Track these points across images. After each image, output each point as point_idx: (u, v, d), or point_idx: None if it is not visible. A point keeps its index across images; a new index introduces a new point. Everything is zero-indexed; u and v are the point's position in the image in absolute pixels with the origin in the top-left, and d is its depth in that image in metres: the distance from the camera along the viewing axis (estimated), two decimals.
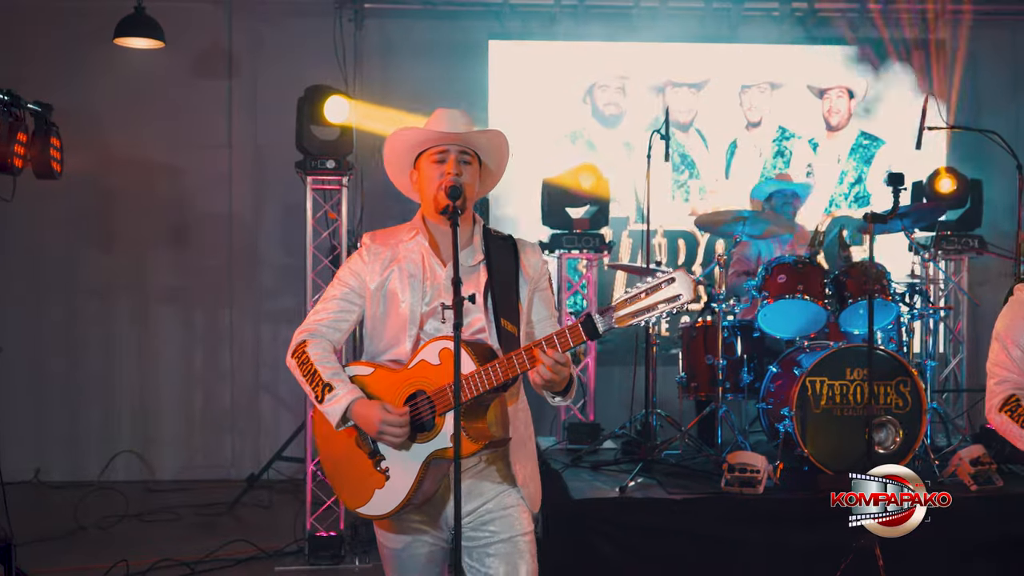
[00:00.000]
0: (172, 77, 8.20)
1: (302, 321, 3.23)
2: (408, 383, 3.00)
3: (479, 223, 3.21)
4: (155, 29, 6.80)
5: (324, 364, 3.07)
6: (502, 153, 3.24)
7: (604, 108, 8.28)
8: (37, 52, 8.01)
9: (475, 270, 3.12)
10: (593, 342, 2.84)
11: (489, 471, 3.08)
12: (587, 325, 2.76)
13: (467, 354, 2.89)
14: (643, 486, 5.40)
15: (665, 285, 2.68)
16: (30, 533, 6.49)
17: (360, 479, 3.06)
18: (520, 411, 3.14)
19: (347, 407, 3.00)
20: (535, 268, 3.17)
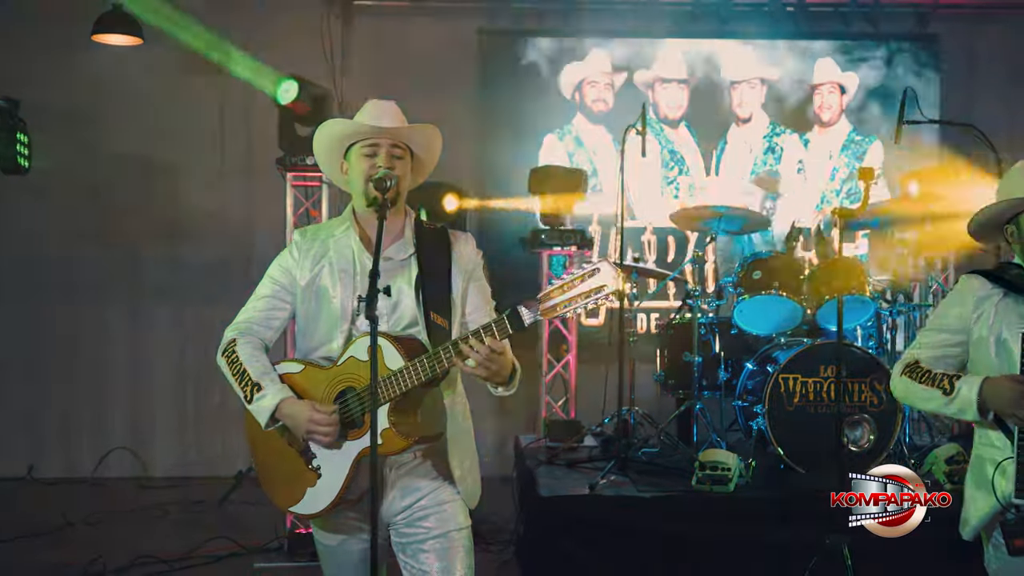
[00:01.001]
0: (164, 74, 8.22)
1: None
2: (337, 380, 3.00)
3: (411, 216, 3.20)
4: (133, 25, 6.81)
5: (253, 363, 3.06)
6: (434, 147, 3.24)
7: (593, 104, 8.24)
8: (26, 50, 8.02)
9: (406, 263, 3.10)
10: (518, 332, 2.80)
11: (425, 466, 3.07)
12: (512, 317, 2.75)
13: (395, 349, 2.89)
14: (615, 483, 5.38)
15: (590, 276, 2.67)
16: (17, 529, 6.58)
17: (292, 478, 3.06)
18: (457, 404, 3.12)
19: (275, 406, 2.99)
20: (468, 259, 3.15)
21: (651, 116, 8.06)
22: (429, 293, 3.04)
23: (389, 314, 3.04)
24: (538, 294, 2.73)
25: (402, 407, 2.92)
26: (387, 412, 2.89)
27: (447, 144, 7.81)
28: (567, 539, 5.10)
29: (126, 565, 5.81)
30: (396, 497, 3.04)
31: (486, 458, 3.43)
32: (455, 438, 3.08)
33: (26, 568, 5.77)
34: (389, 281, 3.05)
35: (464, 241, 3.20)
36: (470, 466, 3.16)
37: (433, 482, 3.07)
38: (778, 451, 5.32)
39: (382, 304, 3.03)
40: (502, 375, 2.90)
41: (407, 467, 3.05)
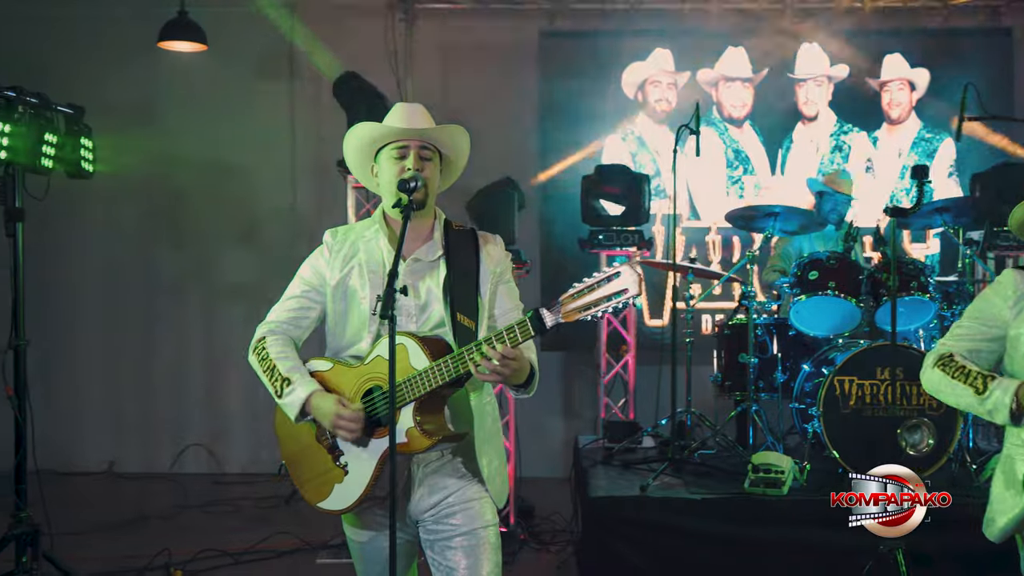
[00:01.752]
0: (237, 79, 8.42)
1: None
2: (365, 378, 3.06)
3: (440, 217, 3.24)
4: (197, 32, 7.01)
5: (282, 359, 3.12)
6: (463, 148, 3.27)
7: (656, 104, 8.20)
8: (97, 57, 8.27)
9: (435, 265, 3.15)
10: (540, 336, 2.84)
11: (452, 464, 3.11)
12: (535, 319, 2.77)
13: (420, 349, 2.94)
14: (667, 485, 5.37)
15: (610, 280, 2.69)
16: (94, 522, 6.84)
17: (320, 474, 3.13)
18: (486, 405, 3.15)
19: (305, 400, 3.05)
20: (497, 261, 3.18)
21: (715, 115, 8.08)
22: (456, 295, 3.08)
23: (417, 315, 3.10)
24: (560, 297, 2.76)
25: (427, 406, 2.97)
26: (412, 411, 2.94)
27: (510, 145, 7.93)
28: (618, 540, 5.11)
29: (191, 557, 5.97)
30: (424, 495, 3.09)
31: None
32: (483, 438, 3.11)
33: (97, 559, 5.94)
34: (418, 282, 3.11)
35: (493, 243, 3.23)
36: (499, 466, 3.19)
37: (460, 480, 3.10)
38: (833, 454, 5.25)
39: (411, 305, 3.10)
40: (519, 378, 2.93)
41: (434, 465, 3.09)
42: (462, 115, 8.08)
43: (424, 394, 2.92)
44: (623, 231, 6.81)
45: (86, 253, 8.60)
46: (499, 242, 3.26)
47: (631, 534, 5.09)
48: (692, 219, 8.19)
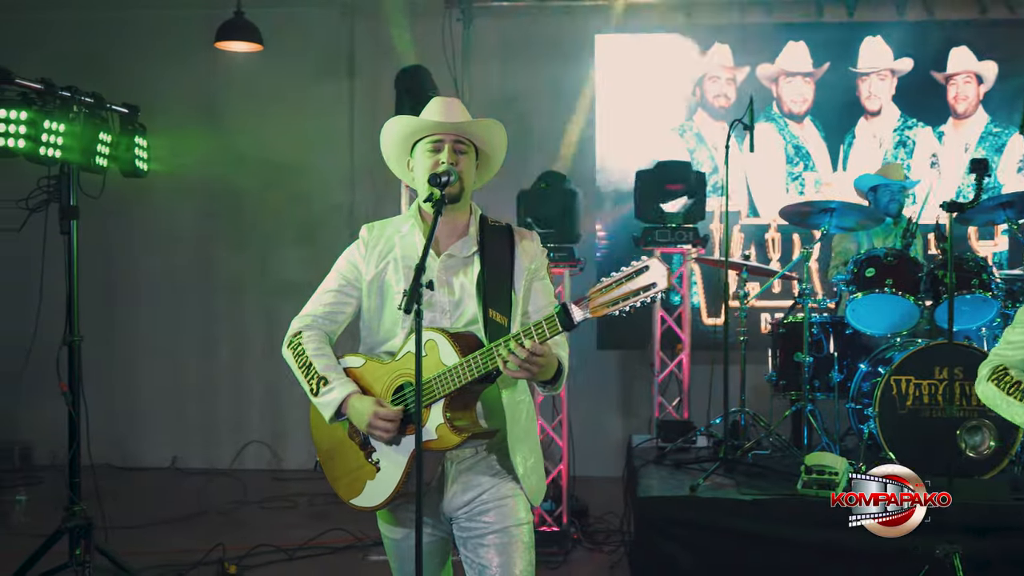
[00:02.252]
0: (296, 79, 8.50)
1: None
2: (396, 375, 3.04)
3: (476, 213, 3.22)
4: (254, 33, 7.08)
5: (319, 357, 3.11)
6: (499, 143, 3.23)
7: (714, 100, 8.09)
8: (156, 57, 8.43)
9: (469, 261, 3.12)
10: (568, 331, 2.81)
11: (487, 461, 3.08)
12: (562, 315, 2.74)
13: (450, 345, 2.92)
14: (718, 485, 5.28)
15: (639, 274, 2.65)
16: (154, 516, 6.95)
17: (353, 471, 3.12)
18: (520, 402, 3.12)
19: (342, 401, 3.05)
20: (532, 257, 3.15)
21: (775, 111, 7.95)
22: (490, 291, 3.05)
23: (451, 311, 3.08)
24: (587, 292, 2.73)
25: (457, 403, 2.95)
26: (442, 408, 2.92)
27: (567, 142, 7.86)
28: (668, 541, 5.04)
29: (245, 553, 6.03)
30: (457, 492, 3.07)
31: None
32: (517, 436, 3.07)
33: (154, 552, 6.04)
34: (452, 278, 3.10)
35: (529, 239, 3.20)
36: (534, 463, 3.15)
37: (494, 477, 3.07)
38: (889, 456, 5.12)
39: (445, 301, 3.08)
40: (545, 375, 2.90)
41: (468, 462, 3.07)
42: (519, 113, 8.18)
43: (454, 390, 2.90)
44: (678, 228, 6.72)
45: (149, 252, 8.75)
46: (535, 238, 3.23)
47: (681, 535, 5.02)
48: (751, 216, 8.07)
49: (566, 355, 3.05)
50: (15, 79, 4.43)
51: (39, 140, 4.57)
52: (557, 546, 6.17)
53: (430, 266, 3.11)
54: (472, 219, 3.20)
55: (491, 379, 2.96)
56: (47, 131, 4.62)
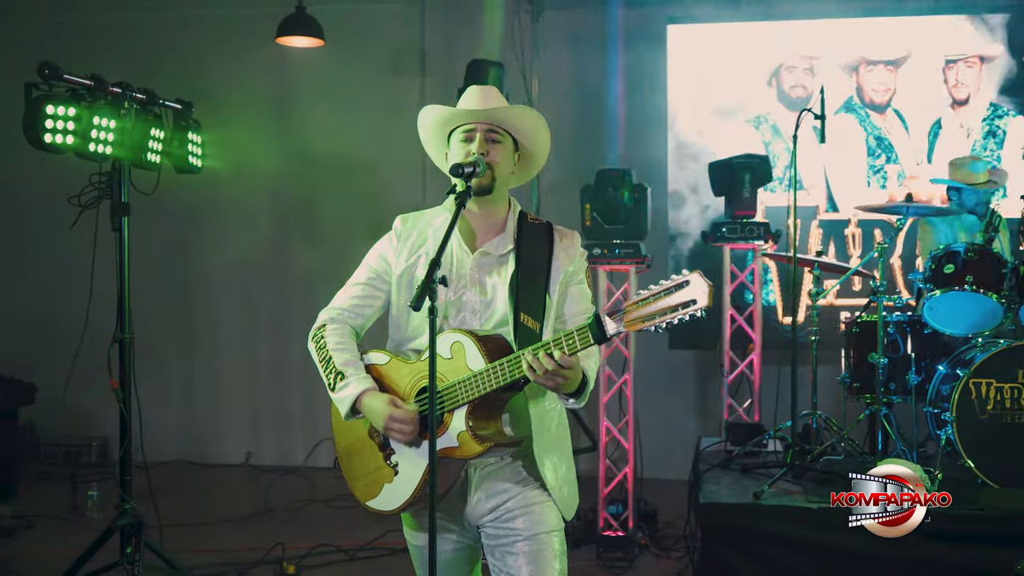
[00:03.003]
0: (367, 76, 8.46)
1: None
2: (420, 375, 2.92)
3: (515, 208, 3.07)
4: (315, 28, 7.03)
5: (340, 351, 3.00)
6: (538, 132, 3.07)
7: (791, 91, 7.80)
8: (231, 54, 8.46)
9: (504, 260, 2.98)
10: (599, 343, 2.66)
11: (512, 468, 2.94)
12: (595, 327, 2.60)
13: (477, 349, 2.79)
14: (785, 492, 5.04)
15: (679, 288, 2.48)
16: (224, 512, 7.01)
17: (370, 473, 3.01)
18: (551, 411, 2.98)
19: (356, 397, 2.93)
20: (571, 259, 3.00)
21: (855, 101, 7.64)
22: (523, 293, 2.91)
23: (482, 312, 2.95)
24: (623, 304, 2.57)
25: (481, 410, 2.82)
26: (465, 414, 2.80)
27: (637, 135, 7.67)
28: (731, 549, 4.83)
29: (305, 552, 5.99)
30: (481, 498, 2.93)
31: None
32: (545, 445, 2.93)
33: (214, 551, 6.04)
34: (484, 277, 2.96)
35: (569, 239, 3.04)
36: (566, 474, 3.00)
37: (519, 484, 2.93)
38: (968, 464, 4.82)
39: (476, 301, 2.95)
40: (570, 387, 2.74)
41: (491, 468, 2.94)
42: (588, 105, 8.01)
43: (477, 397, 2.77)
44: (748, 223, 6.47)
45: (225, 250, 8.80)
46: (576, 239, 3.07)
47: (743, 543, 4.81)
48: (830, 211, 7.76)
49: (595, 366, 2.90)
50: (63, 75, 4.42)
51: (88, 136, 4.56)
52: (622, 551, 6.02)
53: (463, 263, 2.98)
54: (510, 215, 3.05)
55: (518, 387, 2.82)
56: (96, 127, 4.61)
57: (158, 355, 8.31)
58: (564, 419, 3.06)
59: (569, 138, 7.52)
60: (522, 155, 3.09)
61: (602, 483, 6.35)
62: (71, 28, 8.43)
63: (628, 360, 6.47)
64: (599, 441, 6.44)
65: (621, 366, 6.50)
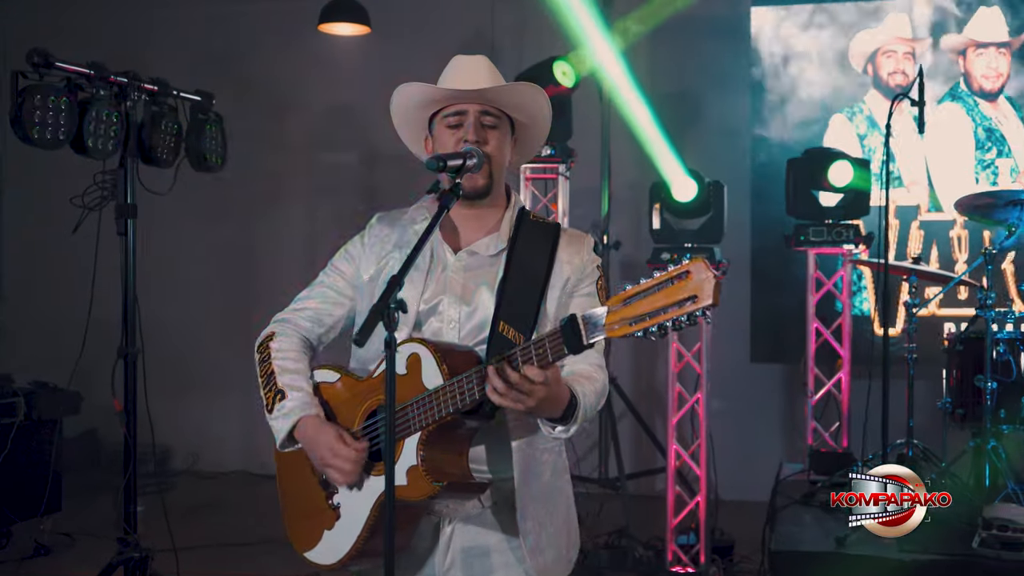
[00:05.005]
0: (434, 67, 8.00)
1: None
2: (371, 396, 2.37)
3: (515, 204, 2.52)
4: (360, 14, 6.53)
5: (284, 364, 2.49)
6: (536, 110, 2.51)
7: (889, 78, 7.09)
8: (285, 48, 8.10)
9: (494, 262, 2.43)
10: (575, 353, 2.03)
11: (493, 519, 2.38)
12: (568, 332, 2.01)
13: (435, 362, 2.22)
14: (872, 537, 4.35)
15: (673, 282, 1.87)
16: (268, 531, 6.54)
17: (310, 515, 2.47)
18: (544, 451, 2.39)
19: (294, 425, 2.41)
20: (574, 266, 2.43)
21: (962, 88, 6.92)
22: (508, 299, 2.35)
23: (461, 323, 2.39)
24: (606, 302, 1.98)
25: (438, 441, 2.23)
26: (416, 445, 2.22)
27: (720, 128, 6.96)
28: None
29: None
30: (455, 565, 2.38)
31: None
32: (532, 495, 2.34)
33: None
34: (469, 282, 2.41)
35: (576, 243, 2.47)
36: (554, 534, 2.42)
37: (497, 549, 2.37)
38: None
39: (456, 311, 2.39)
40: (549, 411, 2.15)
41: (472, 519, 2.37)
42: (664, 96, 7.38)
43: (432, 422, 2.19)
44: (837, 225, 5.79)
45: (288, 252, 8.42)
46: (587, 243, 2.49)
47: None
48: (932, 211, 7.01)
49: (596, 387, 2.30)
50: (55, 63, 3.99)
51: (87, 130, 4.13)
52: None
53: (443, 263, 2.43)
54: (508, 212, 2.50)
55: (487, 414, 2.24)
56: (96, 120, 4.17)
57: (219, 361, 8.02)
58: (563, 464, 2.49)
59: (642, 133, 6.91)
60: (519, 135, 2.54)
61: (671, 512, 5.78)
62: (97, 24, 8.18)
63: (700, 377, 5.85)
64: (667, 461, 5.85)
65: (693, 383, 5.89)
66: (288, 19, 7.99)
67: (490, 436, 2.31)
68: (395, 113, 2.58)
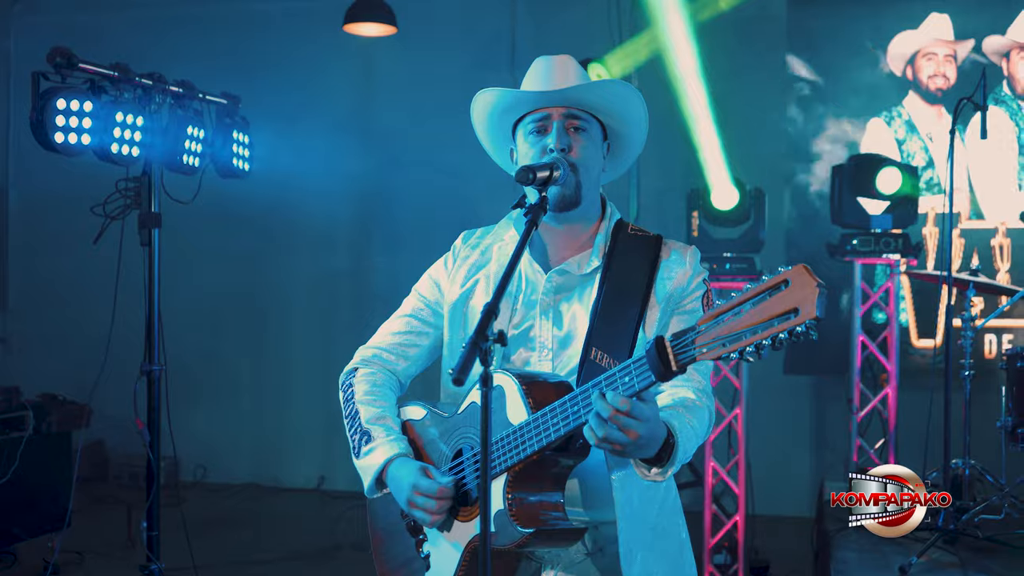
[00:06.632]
0: (454, 71, 7.79)
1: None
2: (457, 434, 2.19)
3: (610, 216, 2.31)
4: (387, 13, 6.31)
5: (369, 403, 2.33)
6: (632, 111, 2.30)
7: (929, 81, 6.86)
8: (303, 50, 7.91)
9: (588, 281, 2.23)
10: (660, 374, 1.80)
11: (593, 566, 2.17)
12: (654, 356, 1.79)
13: (519, 395, 2.01)
14: (937, 565, 4.15)
15: (771, 295, 1.65)
16: (289, 549, 6.47)
17: (401, 565, 2.29)
18: (650, 487, 2.17)
19: (382, 466, 2.22)
20: (679, 282, 2.22)
21: (1005, 92, 6.72)
22: (603, 322, 2.14)
23: (555, 350, 2.20)
24: (699, 321, 1.76)
25: (527, 481, 2.02)
26: (503, 487, 2.02)
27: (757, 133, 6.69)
28: None
29: None
30: None
31: None
32: (638, 537, 2.12)
33: None
34: (562, 304, 2.21)
35: (681, 254, 2.25)
36: None
37: None
38: None
39: (548, 337, 2.20)
40: (645, 450, 1.92)
41: (577, 567, 2.16)
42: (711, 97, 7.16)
43: (518, 462, 1.99)
44: (884, 234, 5.57)
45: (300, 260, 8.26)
46: (693, 255, 2.27)
47: None
48: (973, 219, 6.78)
49: (696, 421, 2.07)
50: (79, 64, 3.77)
51: (111, 135, 3.91)
52: None
53: (533, 285, 2.23)
54: (602, 225, 2.28)
55: (579, 450, 2.03)
56: (120, 125, 3.95)
57: (228, 371, 7.90)
58: (673, 502, 2.27)
59: (675, 137, 6.65)
60: (612, 143, 2.33)
61: (708, 531, 5.60)
62: (114, 24, 7.98)
63: (739, 392, 5.65)
64: (704, 478, 5.65)
65: (731, 398, 5.69)
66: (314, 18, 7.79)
67: (587, 473, 2.11)
68: (477, 123, 2.40)
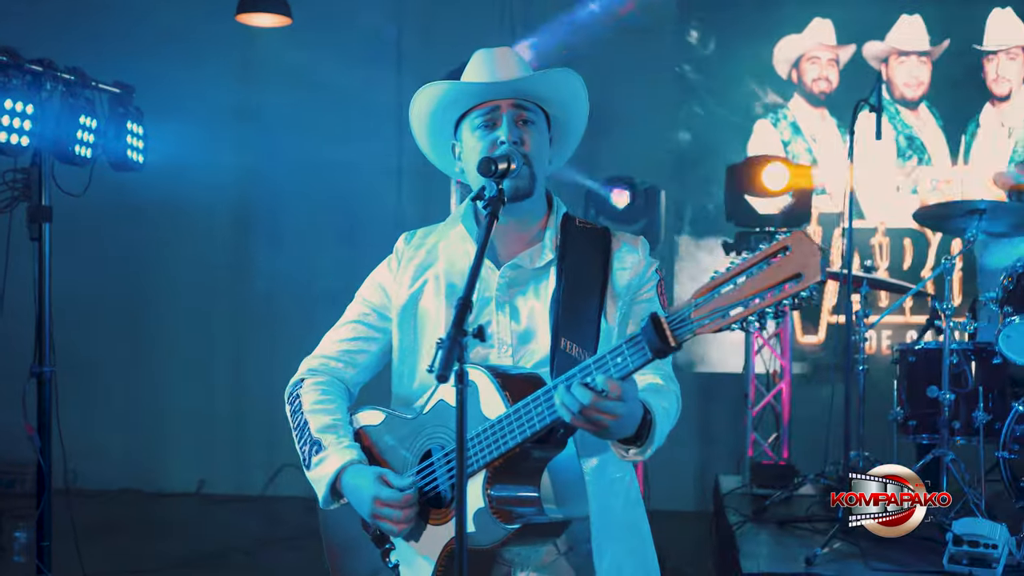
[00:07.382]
0: (340, 67, 7.64)
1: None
2: (424, 436, 2.12)
3: (557, 210, 2.27)
4: (281, 4, 6.15)
5: (319, 412, 2.23)
6: (579, 100, 2.28)
7: (812, 84, 7.11)
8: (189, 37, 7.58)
9: (542, 275, 2.19)
10: (661, 356, 1.77)
11: (565, 564, 2.13)
12: (651, 333, 1.77)
13: (495, 389, 1.97)
14: (840, 555, 4.25)
15: (771, 261, 1.65)
16: (180, 554, 6.22)
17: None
18: (616, 480, 2.16)
19: (335, 475, 2.14)
20: (633, 271, 2.21)
21: (885, 96, 6.92)
22: (566, 313, 2.12)
23: (515, 345, 2.16)
24: (693, 295, 1.74)
25: (506, 477, 1.98)
26: (482, 484, 1.97)
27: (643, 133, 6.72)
28: None
29: None
30: None
31: None
32: (608, 529, 2.11)
33: None
34: (515, 298, 2.17)
35: (631, 246, 2.24)
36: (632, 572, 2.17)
37: None
38: None
39: (507, 333, 2.15)
40: (623, 430, 1.91)
41: (548, 568, 2.12)
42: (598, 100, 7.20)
43: (498, 457, 1.94)
44: (777, 232, 5.72)
45: (178, 257, 7.97)
46: (642, 246, 2.26)
47: None
48: (854, 218, 7.02)
49: (667, 403, 2.07)
50: None
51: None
52: None
53: (486, 282, 2.18)
54: (551, 218, 2.25)
55: (558, 441, 2.00)
56: (9, 112, 3.72)
57: (100, 373, 7.56)
58: (635, 492, 2.25)
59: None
60: (554, 134, 2.30)
61: None
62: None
63: None
64: None
65: None
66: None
67: (558, 469, 2.07)
68: (417, 118, 2.31)
